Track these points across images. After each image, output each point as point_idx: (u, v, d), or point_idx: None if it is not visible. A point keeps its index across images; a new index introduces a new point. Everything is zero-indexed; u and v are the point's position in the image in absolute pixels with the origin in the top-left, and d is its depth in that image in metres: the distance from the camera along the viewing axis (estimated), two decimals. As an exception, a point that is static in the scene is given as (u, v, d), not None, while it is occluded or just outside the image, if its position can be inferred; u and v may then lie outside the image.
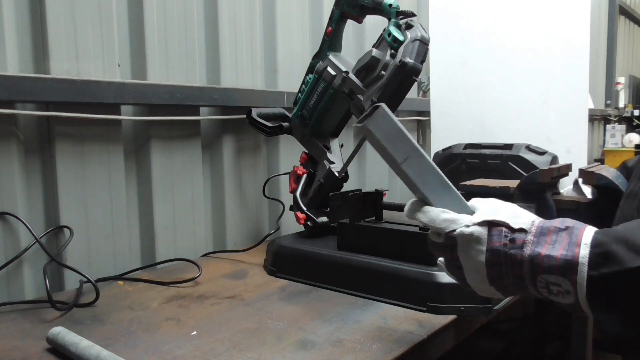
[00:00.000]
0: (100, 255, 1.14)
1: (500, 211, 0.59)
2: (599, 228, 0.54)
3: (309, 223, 1.20)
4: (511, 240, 0.57)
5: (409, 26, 1.04)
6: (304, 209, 1.21)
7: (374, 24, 1.72)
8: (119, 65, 1.15)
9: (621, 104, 5.02)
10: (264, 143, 1.53)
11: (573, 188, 1.12)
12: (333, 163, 1.22)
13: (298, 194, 1.24)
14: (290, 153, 1.55)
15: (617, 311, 0.51)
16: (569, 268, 0.52)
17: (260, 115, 1.33)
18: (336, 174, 1.20)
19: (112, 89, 1.09)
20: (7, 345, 0.78)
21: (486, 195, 0.67)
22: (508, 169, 1.54)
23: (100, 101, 1.07)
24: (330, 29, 1.23)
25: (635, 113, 5.22)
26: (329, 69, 1.18)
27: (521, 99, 1.69)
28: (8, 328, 0.85)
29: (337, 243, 1.08)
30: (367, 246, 1.02)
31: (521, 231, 0.57)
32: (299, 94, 1.29)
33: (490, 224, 0.58)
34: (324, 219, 1.19)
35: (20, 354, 0.75)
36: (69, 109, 1.05)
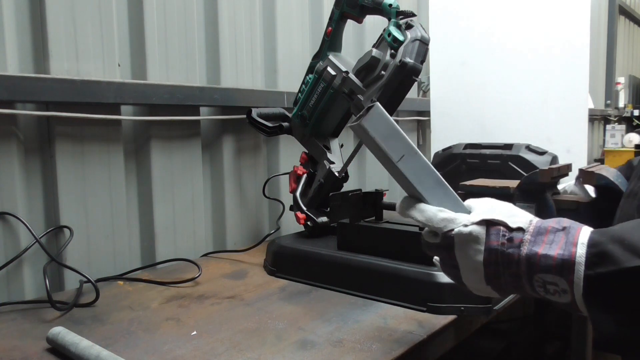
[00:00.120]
0: (100, 255, 1.14)
1: (497, 210, 0.59)
2: (599, 228, 0.54)
3: (309, 223, 1.20)
4: (509, 240, 0.56)
5: (409, 26, 1.04)
6: (304, 209, 1.21)
7: (374, 24, 1.72)
8: (119, 65, 1.15)
9: (621, 104, 5.02)
10: (264, 143, 1.53)
11: (575, 183, 1.12)
12: (333, 163, 1.22)
13: (298, 194, 1.24)
14: (290, 153, 1.55)
15: (613, 311, 0.51)
16: (566, 267, 0.52)
17: (260, 115, 1.33)
18: (336, 174, 1.20)
19: (112, 89, 1.09)
20: (7, 345, 0.78)
21: (486, 195, 0.67)
22: (508, 169, 1.54)
23: (100, 101, 1.07)
24: (330, 29, 1.23)
25: (635, 113, 5.22)
26: (329, 69, 1.18)
27: (521, 99, 1.69)
28: (8, 328, 0.85)
29: (337, 243, 1.08)
30: (367, 246, 1.02)
31: (519, 230, 0.57)
32: (299, 94, 1.29)
33: (488, 223, 0.58)
34: (324, 219, 1.19)
35: (20, 354, 0.75)
36: (69, 109, 1.05)
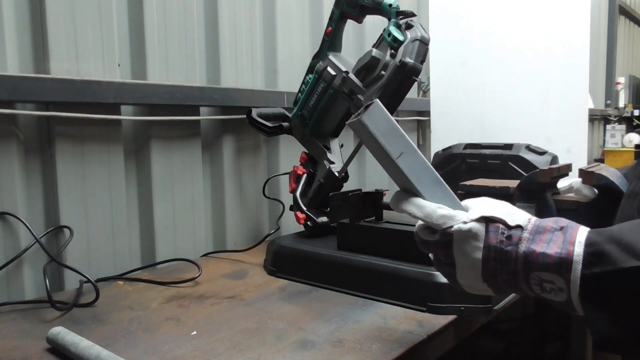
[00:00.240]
0: (100, 255, 1.14)
1: (496, 209, 0.59)
2: (600, 228, 0.54)
3: (309, 223, 1.20)
4: (508, 237, 0.57)
5: (409, 26, 1.04)
6: (304, 209, 1.21)
7: (374, 24, 1.72)
8: (119, 65, 1.15)
9: (621, 104, 5.02)
10: (264, 143, 1.53)
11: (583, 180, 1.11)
12: (333, 163, 1.22)
13: (298, 194, 1.24)
14: (290, 153, 1.55)
15: (609, 310, 0.51)
16: (563, 266, 0.52)
17: (260, 115, 1.33)
18: (336, 174, 1.20)
19: (112, 89, 1.09)
20: (7, 345, 0.78)
21: (486, 195, 0.67)
22: (508, 169, 1.54)
23: (100, 101, 1.07)
24: (330, 29, 1.23)
25: (635, 113, 5.22)
26: (329, 69, 1.18)
27: (521, 99, 1.69)
28: (8, 328, 0.85)
29: (337, 243, 1.08)
30: (367, 246, 1.02)
31: (517, 228, 0.57)
32: (299, 94, 1.29)
33: (487, 221, 0.58)
34: (324, 219, 1.19)
35: (20, 354, 0.75)
36: (69, 109, 1.05)
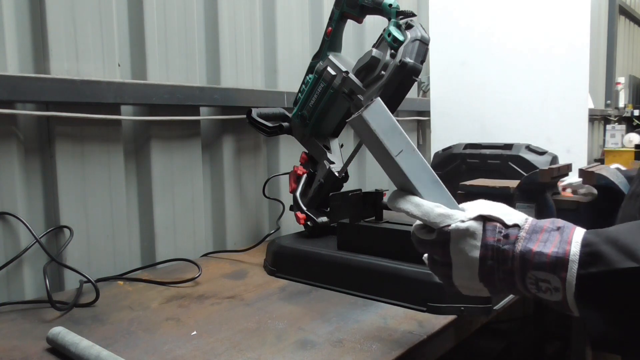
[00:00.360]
0: (100, 255, 1.14)
1: (493, 208, 0.60)
2: (600, 228, 0.54)
3: (309, 223, 1.20)
4: (505, 236, 0.57)
5: (409, 26, 1.04)
6: (304, 209, 1.21)
7: (374, 24, 1.72)
8: (119, 65, 1.15)
9: (621, 104, 5.02)
10: (264, 143, 1.53)
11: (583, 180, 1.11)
12: (333, 163, 1.22)
13: (298, 194, 1.24)
14: (290, 153, 1.55)
15: (603, 310, 0.51)
16: (559, 265, 0.52)
17: (260, 115, 1.33)
18: (336, 174, 1.20)
19: (112, 89, 1.09)
20: (7, 345, 0.78)
21: (486, 195, 0.67)
22: (508, 169, 1.54)
23: (100, 101, 1.07)
24: (330, 29, 1.23)
25: (635, 113, 5.22)
26: (329, 69, 1.18)
27: (521, 99, 1.69)
28: (8, 328, 0.85)
29: (337, 243, 1.08)
30: (367, 246, 1.02)
31: (514, 227, 0.57)
32: (299, 94, 1.29)
33: (485, 219, 0.59)
34: (324, 219, 1.19)
35: (20, 354, 0.75)
36: (69, 109, 1.05)
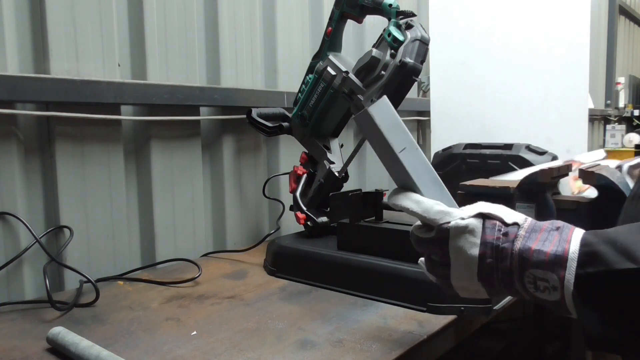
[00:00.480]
0: (100, 255, 1.14)
1: (492, 208, 0.60)
2: (599, 228, 0.54)
3: (309, 223, 1.20)
4: (504, 234, 0.57)
5: (409, 26, 1.04)
6: (304, 209, 1.21)
7: (374, 24, 1.72)
8: (119, 65, 1.15)
9: (621, 104, 5.02)
10: (264, 143, 1.53)
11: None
12: (333, 163, 1.22)
13: (298, 194, 1.24)
14: (290, 153, 1.55)
15: (601, 310, 0.51)
16: (558, 263, 0.52)
17: (260, 115, 1.33)
18: (336, 174, 1.20)
19: (112, 89, 1.09)
20: (7, 345, 0.78)
21: (486, 195, 0.67)
22: (508, 169, 1.54)
23: (100, 101, 1.07)
24: (330, 29, 1.23)
25: (635, 113, 5.22)
26: (329, 69, 1.18)
27: (521, 99, 1.69)
28: (8, 328, 0.85)
29: (337, 243, 1.08)
30: (367, 246, 1.02)
31: (514, 225, 0.57)
32: (299, 94, 1.28)
33: (485, 217, 0.59)
34: (324, 219, 1.19)
35: (20, 354, 0.75)
36: (69, 109, 1.05)
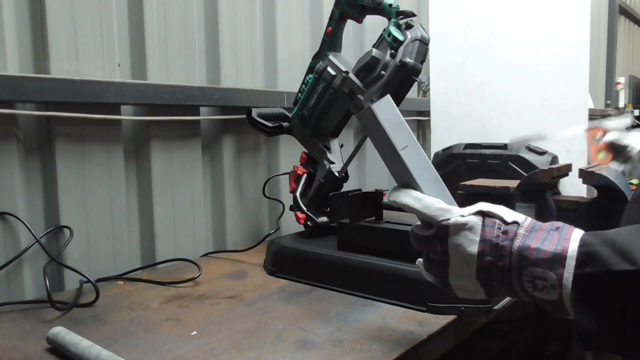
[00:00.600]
0: (100, 255, 1.14)
1: (493, 207, 0.60)
2: (600, 228, 0.54)
3: (309, 223, 1.20)
4: (504, 232, 0.57)
5: (409, 26, 1.04)
6: (304, 209, 1.21)
7: (374, 24, 1.72)
8: (119, 65, 1.15)
9: (621, 104, 5.01)
10: (264, 143, 1.53)
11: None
12: (333, 163, 1.22)
13: (298, 194, 1.24)
14: (290, 153, 1.55)
15: (598, 310, 0.51)
16: (557, 261, 0.52)
17: (260, 115, 1.33)
18: (336, 174, 1.20)
19: (112, 89, 1.09)
20: (7, 345, 0.78)
21: (486, 195, 0.67)
22: (508, 169, 1.54)
23: (100, 101, 1.07)
24: (330, 29, 1.23)
25: (636, 113, 5.22)
26: (329, 69, 1.18)
27: (521, 99, 1.69)
28: (8, 328, 0.85)
29: (337, 243, 1.08)
30: (367, 246, 1.02)
31: (514, 224, 0.57)
32: (299, 94, 1.28)
33: (485, 215, 0.59)
34: (324, 219, 1.19)
35: (20, 354, 0.75)
36: (69, 109, 1.05)
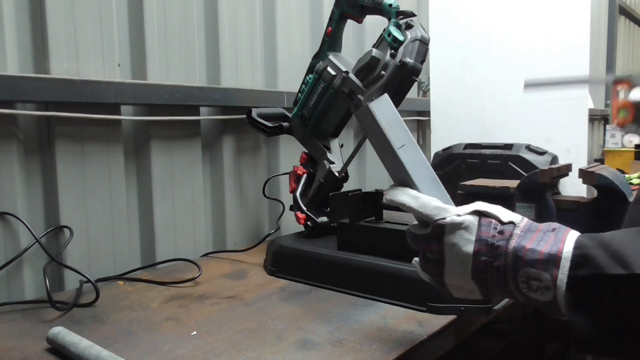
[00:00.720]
0: (100, 255, 1.14)
1: (489, 207, 0.60)
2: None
3: (309, 223, 1.20)
4: (500, 232, 0.57)
5: (409, 26, 1.04)
6: (304, 209, 1.21)
7: (374, 24, 1.72)
8: (119, 65, 1.15)
9: (621, 104, 5.01)
10: (264, 143, 1.53)
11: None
12: (333, 163, 1.22)
13: (298, 194, 1.24)
14: (290, 153, 1.55)
15: (591, 313, 0.51)
16: (552, 262, 0.52)
17: (260, 115, 1.33)
18: (336, 174, 1.20)
19: (112, 89, 1.09)
20: (7, 345, 0.78)
21: (486, 195, 0.67)
22: (508, 169, 1.54)
23: (100, 101, 1.07)
24: (330, 29, 1.23)
25: (635, 113, 5.21)
26: (329, 69, 1.18)
27: (521, 99, 1.69)
28: (8, 328, 0.85)
29: (337, 243, 1.08)
30: (367, 246, 1.02)
31: (510, 224, 0.57)
32: (299, 94, 1.28)
33: (481, 215, 0.59)
34: (324, 219, 1.19)
35: (20, 354, 0.75)
36: (69, 109, 1.05)
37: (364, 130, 0.68)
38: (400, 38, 1.01)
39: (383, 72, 1.04)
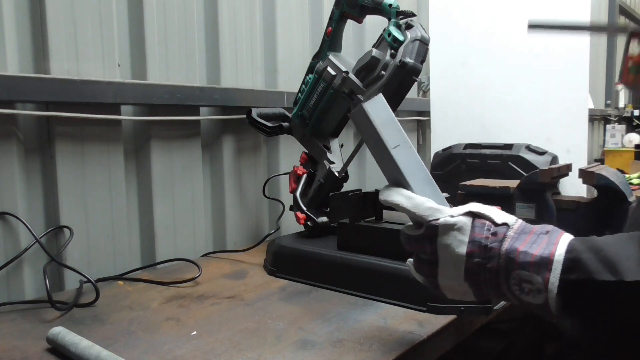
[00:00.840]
0: (100, 255, 1.14)
1: (483, 208, 0.60)
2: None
3: (309, 223, 1.20)
4: (493, 234, 0.57)
5: (409, 26, 1.04)
6: (304, 209, 1.21)
7: (374, 24, 1.72)
8: (119, 65, 1.15)
9: (621, 104, 5.01)
10: (264, 143, 1.53)
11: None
12: (333, 163, 1.22)
13: (298, 194, 1.24)
14: (290, 153, 1.55)
15: (580, 318, 0.51)
16: (543, 265, 0.52)
17: (260, 115, 1.33)
18: (336, 174, 1.20)
19: (112, 89, 1.09)
20: (7, 345, 0.78)
21: (486, 195, 0.67)
22: (508, 169, 1.54)
23: (100, 101, 1.07)
24: (330, 29, 1.23)
25: (635, 113, 5.21)
26: (329, 69, 1.18)
27: (521, 99, 1.69)
28: (8, 328, 0.85)
29: (337, 243, 1.08)
30: (367, 246, 1.02)
31: (503, 225, 0.57)
32: (299, 94, 1.29)
33: (474, 216, 0.59)
34: (324, 219, 1.19)
35: (20, 354, 0.75)
36: (69, 109, 1.05)
37: (359, 131, 0.68)
38: (400, 38, 1.01)
39: (383, 72, 1.04)
